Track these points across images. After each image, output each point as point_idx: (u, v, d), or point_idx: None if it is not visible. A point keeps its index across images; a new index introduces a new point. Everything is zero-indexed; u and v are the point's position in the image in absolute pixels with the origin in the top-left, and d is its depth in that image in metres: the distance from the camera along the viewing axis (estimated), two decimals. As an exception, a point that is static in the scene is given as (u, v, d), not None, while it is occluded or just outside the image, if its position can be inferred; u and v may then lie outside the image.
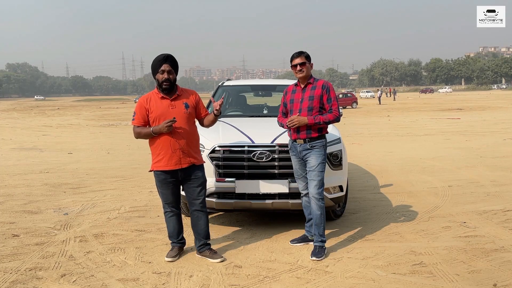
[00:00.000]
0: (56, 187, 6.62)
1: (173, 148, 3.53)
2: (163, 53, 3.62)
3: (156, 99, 3.62)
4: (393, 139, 12.75)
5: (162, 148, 3.56)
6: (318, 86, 3.87)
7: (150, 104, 3.61)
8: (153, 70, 3.62)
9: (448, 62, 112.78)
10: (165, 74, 3.55)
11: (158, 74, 3.57)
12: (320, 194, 3.78)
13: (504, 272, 3.35)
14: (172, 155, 3.54)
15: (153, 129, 3.52)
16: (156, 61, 3.59)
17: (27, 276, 3.37)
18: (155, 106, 3.59)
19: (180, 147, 3.55)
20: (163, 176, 3.61)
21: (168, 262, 3.61)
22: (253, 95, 6.80)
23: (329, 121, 3.81)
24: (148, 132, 3.56)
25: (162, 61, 3.56)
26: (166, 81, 3.55)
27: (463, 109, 26.96)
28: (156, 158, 3.60)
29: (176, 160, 3.56)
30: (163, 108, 3.58)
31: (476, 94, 59.31)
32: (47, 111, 37.31)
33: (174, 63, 3.62)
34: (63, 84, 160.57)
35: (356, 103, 34.74)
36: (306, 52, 3.93)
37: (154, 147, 3.62)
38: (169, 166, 3.56)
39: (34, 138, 14.79)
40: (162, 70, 3.55)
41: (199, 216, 3.74)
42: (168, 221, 3.77)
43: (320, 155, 3.79)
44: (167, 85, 3.56)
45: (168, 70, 3.56)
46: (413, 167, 7.89)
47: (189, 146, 3.61)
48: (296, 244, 4.02)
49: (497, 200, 5.47)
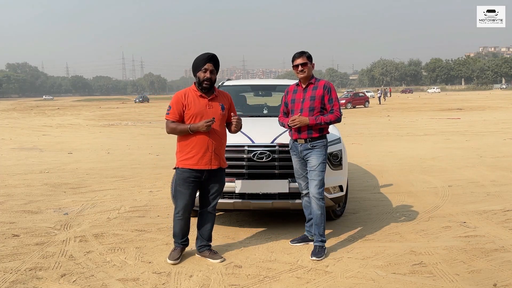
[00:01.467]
0: (56, 187, 6.62)
1: (207, 148, 3.52)
2: (208, 52, 3.62)
3: (194, 96, 3.59)
4: (393, 139, 12.75)
5: (194, 147, 3.52)
6: (320, 86, 3.87)
7: (188, 100, 3.57)
8: (195, 68, 3.60)
9: (448, 62, 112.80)
10: (208, 73, 3.54)
11: (200, 72, 3.55)
12: (320, 194, 3.78)
13: (504, 272, 3.35)
14: (204, 154, 3.52)
15: (190, 127, 3.48)
16: (200, 59, 3.57)
17: (27, 276, 3.37)
18: (193, 103, 3.56)
19: (214, 147, 3.54)
20: (187, 174, 3.56)
21: (170, 264, 3.57)
22: (253, 95, 6.80)
23: (330, 122, 3.81)
24: (184, 129, 3.51)
25: (207, 60, 3.55)
26: (207, 80, 3.54)
27: (463, 109, 26.96)
28: (186, 155, 3.55)
29: (207, 160, 3.53)
30: (201, 107, 3.56)
31: (476, 94, 59.31)
32: (47, 111, 37.31)
33: (217, 63, 3.61)
34: (63, 84, 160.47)
35: (368, 102, 35.82)
36: (308, 52, 3.92)
37: (185, 144, 3.56)
38: (199, 165, 3.53)
39: (34, 138, 14.79)
40: (205, 68, 3.54)
41: (207, 219, 3.74)
42: (177, 222, 3.70)
43: (321, 155, 3.79)
44: (208, 84, 3.55)
45: (211, 70, 3.55)
46: (413, 167, 7.89)
47: (220, 148, 3.61)
48: (296, 244, 4.02)
49: (497, 200, 5.47)
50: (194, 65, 3.61)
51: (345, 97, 34.73)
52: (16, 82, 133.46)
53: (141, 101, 59.26)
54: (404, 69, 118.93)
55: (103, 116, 28.64)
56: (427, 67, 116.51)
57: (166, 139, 12.25)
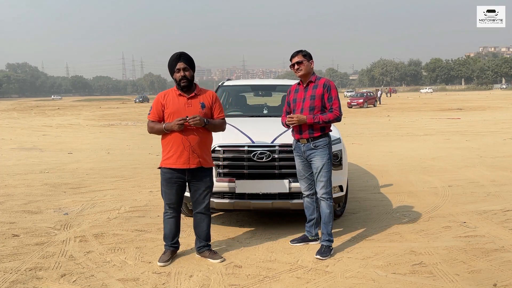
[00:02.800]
0: (56, 187, 6.62)
1: (183, 147, 3.52)
2: (177, 52, 3.63)
3: (173, 95, 3.62)
4: (393, 139, 12.75)
5: (172, 146, 3.54)
6: (320, 85, 3.84)
7: (166, 99, 3.61)
8: (170, 70, 3.63)
9: (448, 62, 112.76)
10: (181, 72, 3.56)
11: (175, 73, 3.58)
12: (328, 194, 3.79)
13: (504, 272, 3.35)
14: (181, 153, 3.52)
15: (165, 126, 3.52)
16: (171, 60, 3.60)
17: (27, 276, 3.37)
18: (171, 102, 3.59)
19: (191, 146, 3.53)
20: (169, 175, 3.58)
21: (160, 266, 3.54)
22: (253, 95, 6.80)
23: (329, 121, 3.77)
24: (160, 128, 3.56)
25: (177, 59, 3.57)
26: (183, 78, 3.55)
27: (463, 109, 26.95)
28: (166, 155, 3.58)
29: (184, 159, 3.53)
30: (178, 105, 3.57)
31: (476, 94, 59.30)
32: (47, 111, 37.30)
33: (188, 60, 3.62)
34: (63, 84, 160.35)
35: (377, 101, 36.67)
36: (305, 50, 3.89)
37: (165, 143, 3.60)
38: (177, 164, 3.54)
39: (34, 138, 14.78)
40: (178, 68, 3.56)
41: (202, 219, 3.73)
42: (166, 222, 3.73)
43: (324, 154, 3.77)
44: (185, 82, 3.57)
45: (184, 68, 3.56)
46: (413, 167, 7.89)
47: (200, 147, 3.58)
48: (296, 244, 4.02)
49: (497, 200, 5.47)
50: (168, 68, 3.64)
51: (362, 97, 35.32)
52: (16, 82, 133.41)
53: (141, 101, 59.23)
54: (404, 69, 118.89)
55: (103, 116, 28.63)
56: (427, 67, 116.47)
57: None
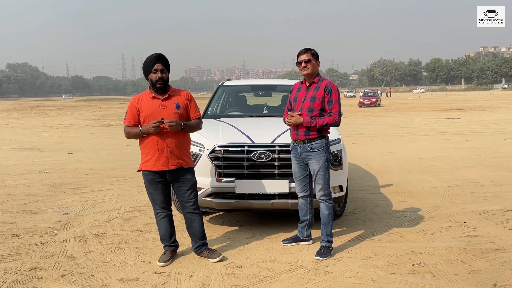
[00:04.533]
0: (56, 187, 6.62)
1: (160, 149, 3.50)
2: (154, 53, 3.60)
3: (147, 99, 3.60)
4: (393, 139, 12.75)
5: (150, 148, 3.53)
6: (321, 87, 3.78)
7: (140, 103, 3.59)
8: (145, 71, 3.60)
9: (448, 62, 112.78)
10: (158, 73, 3.53)
11: (151, 74, 3.55)
12: (327, 195, 3.78)
13: (504, 272, 3.35)
14: (159, 155, 3.51)
15: (141, 129, 3.50)
16: (148, 61, 3.57)
17: (27, 276, 3.37)
18: (146, 106, 3.57)
19: (168, 148, 3.51)
20: (151, 177, 3.59)
21: (160, 266, 3.54)
22: (253, 95, 6.80)
23: (327, 125, 3.72)
24: (136, 132, 3.54)
25: (154, 60, 3.55)
26: (160, 80, 3.53)
27: (463, 109, 26.95)
28: (145, 158, 3.58)
29: (163, 161, 3.52)
30: (153, 108, 3.55)
31: (476, 94, 59.29)
32: (47, 111, 37.29)
33: (166, 62, 3.61)
34: (63, 84, 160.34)
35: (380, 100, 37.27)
36: (314, 49, 3.83)
37: (143, 146, 3.60)
38: (157, 166, 3.53)
39: (34, 138, 14.78)
40: (155, 69, 3.53)
41: (192, 219, 3.71)
42: (159, 223, 3.72)
43: (321, 157, 3.74)
44: (161, 84, 3.54)
45: (161, 69, 3.54)
46: (413, 167, 7.89)
47: (178, 148, 3.55)
48: (288, 244, 4.00)
49: (497, 200, 5.47)
50: (143, 68, 3.61)
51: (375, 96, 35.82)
52: (16, 82, 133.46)
53: (141, 101, 59.14)
54: (404, 69, 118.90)
55: (103, 116, 28.62)
56: (427, 67, 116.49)
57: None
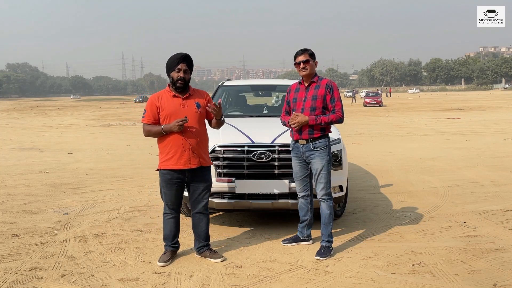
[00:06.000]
0: (56, 187, 6.62)
1: (183, 148, 3.52)
2: (181, 52, 3.64)
3: (167, 97, 3.61)
4: (393, 139, 12.75)
5: (172, 147, 3.54)
6: (322, 85, 3.80)
7: (161, 102, 3.59)
8: (168, 68, 3.61)
9: (448, 62, 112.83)
10: (181, 73, 3.55)
11: (174, 72, 3.57)
12: (328, 195, 3.79)
13: (504, 272, 3.35)
14: (182, 154, 3.53)
15: (164, 128, 3.51)
16: (173, 59, 3.59)
17: (27, 276, 3.37)
18: (167, 104, 3.58)
19: (191, 146, 3.54)
20: (169, 176, 3.59)
21: (160, 266, 3.54)
22: (253, 95, 6.80)
23: (331, 122, 3.75)
24: (158, 131, 3.54)
25: (180, 60, 3.57)
26: (181, 80, 3.55)
27: (463, 109, 26.95)
28: (165, 157, 3.58)
29: (185, 160, 3.54)
30: (174, 107, 3.57)
31: (476, 94, 59.30)
32: (47, 111, 37.29)
33: (190, 63, 3.64)
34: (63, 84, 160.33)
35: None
36: (311, 50, 3.86)
37: (163, 145, 3.60)
38: (178, 165, 3.54)
39: (34, 138, 14.78)
40: (179, 68, 3.55)
41: (200, 218, 3.74)
42: (166, 223, 3.73)
43: (324, 156, 3.75)
44: (181, 84, 3.57)
45: (185, 70, 3.57)
46: (413, 167, 7.89)
47: (199, 147, 3.60)
48: (288, 244, 4.00)
49: (497, 200, 5.47)
50: (167, 65, 3.62)
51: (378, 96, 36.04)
52: (16, 82, 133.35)
53: (141, 101, 59.16)
54: (404, 69, 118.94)
55: (103, 116, 28.62)
56: (427, 67, 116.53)
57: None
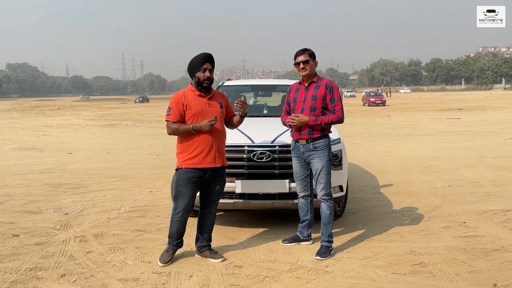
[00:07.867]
0: (56, 187, 6.62)
1: (210, 146, 3.55)
2: (204, 52, 3.65)
3: (193, 96, 3.61)
4: (393, 139, 12.75)
5: (198, 146, 3.53)
6: (322, 85, 3.80)
7: (187, 100, 3.58)
8: (193, 68, 3.60)
9: (448, 62, 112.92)
10: (207, 73, 3.57)
11: (200, 72, 3.57)
12: (329, 195, 3.79)
13: (504, 272, 3.35)
14: (208, 153, 3.54)
15: (193, 126, 3.50)
16: (198, 58, 3.59)
17: (27, 276, 3.37)
18: (193, 103, 3.57)
19: (217, 146, 3.59)
20: (191, 174, 3.56)
21: (160, 266, 3.53)
22: (253, 95, 6.80)
23: (331, 122, 3.75)
24: (187, 129, 3.52)
25: (205, 59, 3.58)
26: (207, 79, 3.57)
27: (463, 109, 26.96)
28: (190, 155, 3.55)
29: (211, 159, 3.56)
30: (201, 106, 3.58)
31: (476, 94, 59.29)
32: (47, 111, 37.30)
33: (213, 63, 3.65)
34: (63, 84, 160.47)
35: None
36: (311, 50, 3.86)
37: (189, 144, 3.56)
38: (204, 164, 3.54)
39: (34, 138, 14.78)
40: (204, 68, 3.56)
41: (208, 218, 3.75)
42: (174, 222, 3.68)
43: (324, 156, 3.75)
44: (208, 83, 3.59)
45: (210, 69, 3.59)
46: (413, 167, 7.89)
47: (222, 146, 3.66)
48: (288, 244, 4.00)
49: (497, 200, 5.47)
50: (191, 65, 3.62)
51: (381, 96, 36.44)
52: (16, 82, 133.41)
53: (141, 101, 59.23)
54: (404, 69, 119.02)
55: (103, 116, 28.61)
56: (427, 67, 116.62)
57: (166, 139, 12.27)
